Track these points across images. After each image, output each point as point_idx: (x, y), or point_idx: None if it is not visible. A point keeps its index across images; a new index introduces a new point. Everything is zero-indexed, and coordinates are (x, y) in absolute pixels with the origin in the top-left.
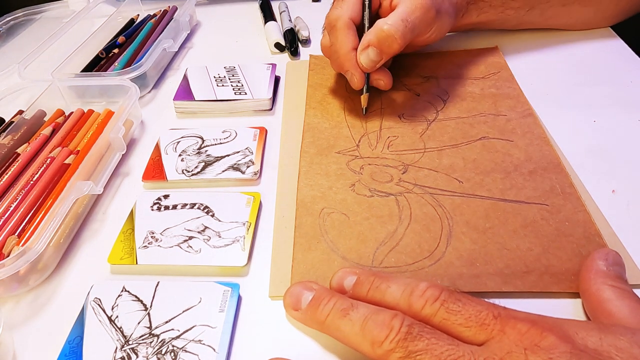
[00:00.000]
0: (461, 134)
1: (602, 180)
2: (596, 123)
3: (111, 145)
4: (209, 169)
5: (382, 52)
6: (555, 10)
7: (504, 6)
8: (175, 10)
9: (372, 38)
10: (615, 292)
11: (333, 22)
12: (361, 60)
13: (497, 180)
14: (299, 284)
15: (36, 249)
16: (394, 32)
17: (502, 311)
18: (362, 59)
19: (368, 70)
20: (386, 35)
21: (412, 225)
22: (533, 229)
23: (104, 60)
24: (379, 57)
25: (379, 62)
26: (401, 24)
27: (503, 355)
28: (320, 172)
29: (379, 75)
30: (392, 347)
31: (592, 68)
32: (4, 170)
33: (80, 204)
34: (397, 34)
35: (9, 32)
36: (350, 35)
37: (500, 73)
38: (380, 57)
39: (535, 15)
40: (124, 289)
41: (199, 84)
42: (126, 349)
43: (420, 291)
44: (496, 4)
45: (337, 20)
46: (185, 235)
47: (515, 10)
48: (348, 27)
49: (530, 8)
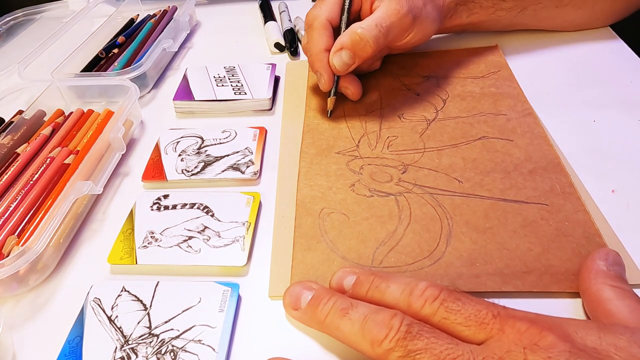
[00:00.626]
0: (461, 134)
1: (602, 180)
2: (596, 123)
3: (111, 145)
4: (209, 169)
5: (355, 55)
6: (549, 11)
7: (495, 7)
8: (175, 10)
9: (346, 40)
10: (615, 292)
11: (310, 21)
12: (334, 61)
13: (497, 180)
14: (298, 283)
15: (36, 249)
16: (367, 36)
17: (501, 310)
18: (335, 60)
19: (340, 72)
20: (359, 39)
21: (412, 225)
22: (533, 228)
23: (103, 60)
24: (352, 60)
25: (351, 65)
26: (375, 28)
27: (502, 355)
28: (320, 172)
29: (347, 83)
30: (392, 347)
31: (592, 68)
32: (4, 170)
33: (80, 204)
34: (371, 38)
35: (9, 32)
36: (324, 36)
37: (500, 72)
38: (352, 60)
39: (528, 16)
40: (123, 289)
41: (198, 84)
42: (126, 349)
43: (420, 290)
44: (487, 4)
45: (314, 19)
46: (185, 235)
47: (506, 11)
48: (324, 28)
49: (522, 9)
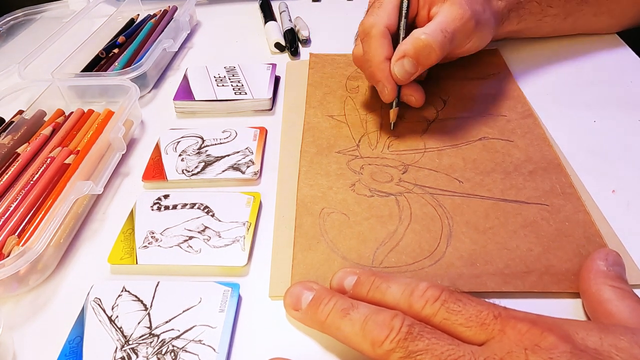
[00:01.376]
0: (461, 134)
1: (602, 180)
2: (596, 123)
3: (111, 145)
4: (209, 169)
5: (419, 63)
6: (587, 19)
7: (543, 13)
8: (175, 10)
9: (409, 48)
10: (615, 293)
11: (367, 30)
12: (395, 70)
13: (497, 181)
14: (299, 284)
15: (36, 249)
16: (432, 42)
17: (502, 311)
18: (397, 69)
19: (402, 82)
20: (424, 45)
21: (412, 225)
22: (533, 229)
23: (104, 60)
24: (415, 68)
25: (414, 73)
26: (440, 34)
27: (503, 355)
28: (321, 172)
29: (410, 90)
30: (393, 347)
31: (592, 68)
32: (4, 170)
33: (80, 204)
34: (436, 44)
35: (9, 32)
36: (385, 45)
37: (500, 73)
38: (415, 69)
39: (569, 23)
40: (124, 289)
41: (199, 83)
42: (126, 349)
43: (421, 291)
44: (535, 11)
45: (372, 27)
46: (185, 235)
47: (552, 17)
48: (383, 36)
49: (566, 16)
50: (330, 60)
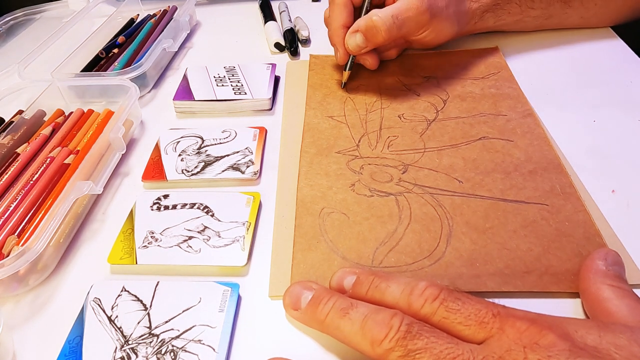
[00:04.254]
0: (461, 134)
1: (602, 180)
2: (596, 123)
3: (111, 145)
4: (209, 168)
5: (368, 40)
6: (573, 20)
7: (523, 14)
8: (175, 10)
9: (362, 24)
10: (614, 292)
11: None
12: (348, 42)
13: (497, 180)
14: (298, 283)
15: (36, 249)
16: (380, 25)
17: (501, 310)
18: (349, 41)
19: (353, 52)
20: (373, 26)
21: (412, 225)
22: (533, 229)
23: (103, 60)
24: (365, 43)
25: (364, 48)
26: (390, 19)
27: (502, 354)
28: (320, 172)
29: (365, 54)
30: (392, 346)
31: (592, 68)
32: (4, 170)
33: (80, 204)
34: (383, 27)
35: (9, 32)
36: (344, 13)
37: (500, 73)
38: (365, 44)
39: (553, 23)
40: (123, 289)
41: (198, 83)
42: (126, 349)
43: (420, 290)
44: (515, 11)
45: None
46: (185, 235)
47: (533, 18)
48: (345, 5)
49: (548, 17)
50: (330, 61)
